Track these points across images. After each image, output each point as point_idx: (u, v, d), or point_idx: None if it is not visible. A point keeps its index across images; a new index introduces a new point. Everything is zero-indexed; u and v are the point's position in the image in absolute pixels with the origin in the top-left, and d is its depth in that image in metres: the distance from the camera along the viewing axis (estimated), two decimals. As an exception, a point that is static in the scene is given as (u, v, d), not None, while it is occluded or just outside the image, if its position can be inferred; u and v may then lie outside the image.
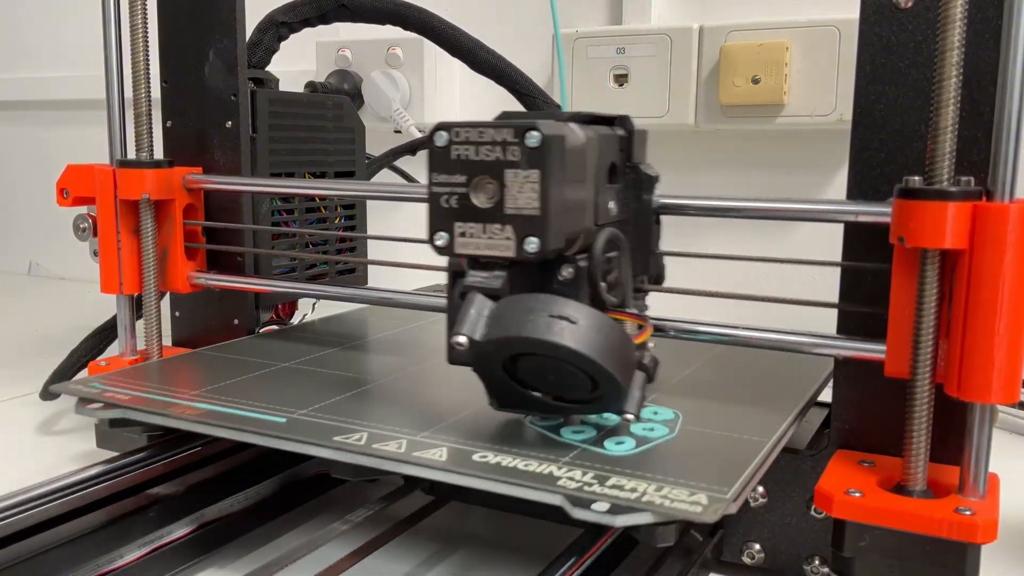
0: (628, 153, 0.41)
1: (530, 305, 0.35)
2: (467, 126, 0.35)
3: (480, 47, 0.64)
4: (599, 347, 0.34)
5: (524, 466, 0.34)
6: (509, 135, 0.34)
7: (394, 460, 0.35)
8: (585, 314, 0.34)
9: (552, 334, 0.34)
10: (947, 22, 0.32)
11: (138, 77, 0.52)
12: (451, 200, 0.35)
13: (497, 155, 0.34)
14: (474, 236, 0.35)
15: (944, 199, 0.33)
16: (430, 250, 0.36)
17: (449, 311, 0.38)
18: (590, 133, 0.37)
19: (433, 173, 0.36)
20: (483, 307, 0.35)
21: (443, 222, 0.36)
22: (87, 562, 0.38)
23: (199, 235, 0.56)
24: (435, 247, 0.36)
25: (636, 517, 0.30)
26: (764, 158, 0.82)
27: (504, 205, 0.34)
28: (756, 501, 0.40)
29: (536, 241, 0.34)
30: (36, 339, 0.86)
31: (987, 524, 0.33)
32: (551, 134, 0.34)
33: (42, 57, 1.21)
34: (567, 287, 0.36)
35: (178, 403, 0.41)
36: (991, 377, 0.33)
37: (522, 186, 0.34)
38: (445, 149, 0.35)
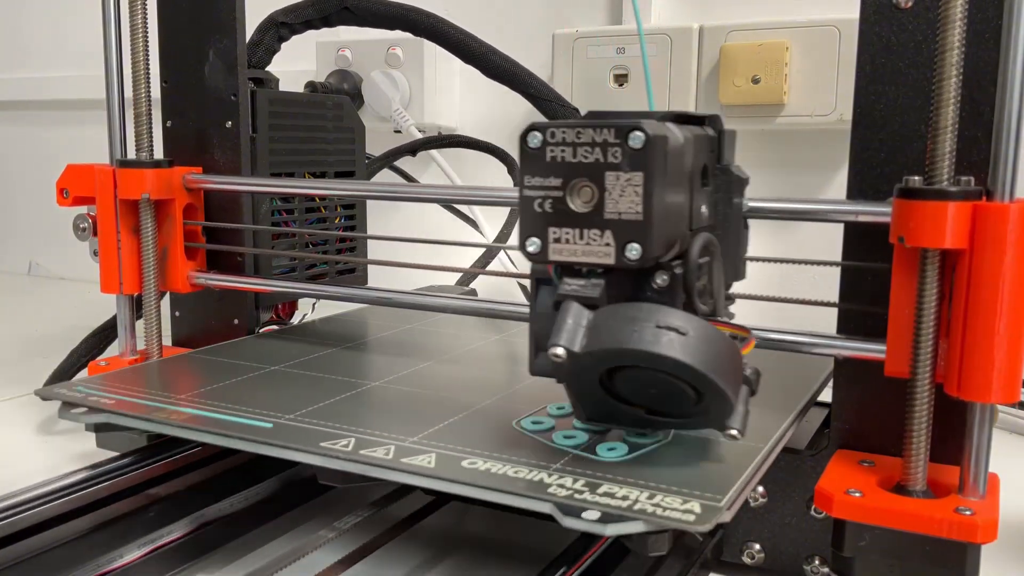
0: (718, 154, 0.39)
1: (633, 315, 0.33)
2: (564, 126, 0.33)
3: (492, 51, 0.63)
4: (710, 360, 0.32)
5: (514, 473, 0.33)
6: (610, 135, 0.32)
7: (381, 467, 0.34)
8: (693, 325, 0.32)
9: (661, 346, 0.32)
10: (947, 22, 0.32)
11: (138, 77, 0.52)
12: (545, 204, 0.33)
13: (597, 156, 0.32)
14: (570, 242, 0.33)
15: (944, 199, 0.33)
16: (430, 250, 0.36)
17: (532, 319, 0.36)
18: (687, 133, 0.35)
19: (526, 176, 0.34)
20: (580, 317, 0.33)
21: (536, 227, 0.34)
22: (87, 562, 0.38)
23: (199, 235, 0.56)
24: (526, 253, 0.34)
25: (627, 526, 0.30)
26: (764, 158, 0.82)
27: (604, 209, 0.33)
28: (756, 501, 0.40)
29: (638, 248, 0.32)
30: (36, 339, 0.86)
31: (987, 524, 0.33)
32: (656, 134, 0.32)
33: (42, 57, 1.21)
34: (661, 295, 0.34)
35: (164, 408, 0.41)
36: (991, 377, 0.33)
37: (624, 189, 0.32)
38: (539, 150, 0.33)
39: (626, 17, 0.85)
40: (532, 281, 0.36)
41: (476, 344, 0.55)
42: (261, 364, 0.49)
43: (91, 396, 0.42)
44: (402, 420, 0.40)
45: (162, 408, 0.41)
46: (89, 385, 0.44)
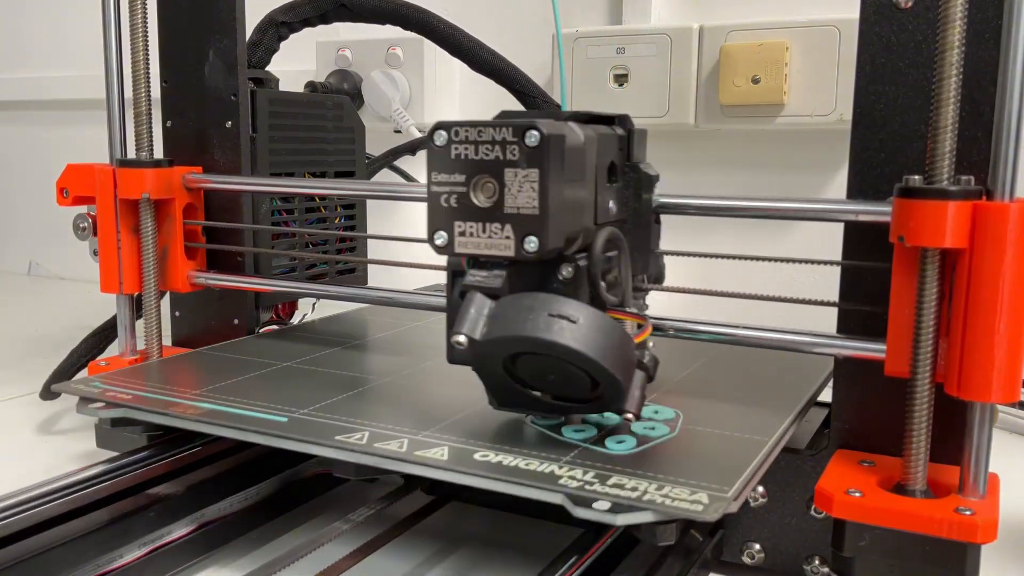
0: (628, 152, 0.41)
1: (529, 304, 0.35)
2: (466, 125, 0.35)
3: (480, 47, 0.64)
4: (599, 346, 0.34)
5: (525, 465, 0.34)
6: (508, 134, 0.34)
7: (396, 459, 0.35)
8: (585, 313, 0.34)
9: (552, 333, 0.34)
10: (947, 21, 0.32)
11: (138, 77, 0.52)
12: (451, 199, 0.35)
13: (497, 154, 0.34)
14: (474, 235, 0.35)
15: (944, 198, 0.33)
16: (429, 250, 0.36)
17: (449, 310, 0.38)
18: (589, 132, 0.37)
19: (432, 172, 0.36)
20: (483, 306, 0.35)
21: (443, 221, 0.36)
22: (87, 562, 0.38)
23: (199, 235, 0.56)
24: (435, 246, 0.36)
25: (637, 516, 0.30)
26: (764, 158, 0.82)
27: (504, 204, 0.34)
28: (756, 501, 0.40)
29: (535, 240, 0.34)
30: (36, 339, 0.86)
31: (987, 524, 0.33)
32: (551, 133, 0.34)
33: (42, 57, 1.21)
34: (567, 286, 0.36)
35: (179, 402, 0.42)
36: (991, 376, 0.33)
37: (521, 185, 0.34)
38: (444, 148, 0.35)
39: (626, 17, 0.85)
40: (448, 273, 0.38)
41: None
42: (271, 361, 0.49)
43: (108, 391, 0.43)
44: (413, 415, 0.40)
45: (179, 403, 0.42)
46: (105, 380, 0.45)
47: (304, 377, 0.46)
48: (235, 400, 0.42)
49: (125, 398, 0.42)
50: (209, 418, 0.39)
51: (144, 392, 0.43)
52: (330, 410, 0.41)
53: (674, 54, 0.80)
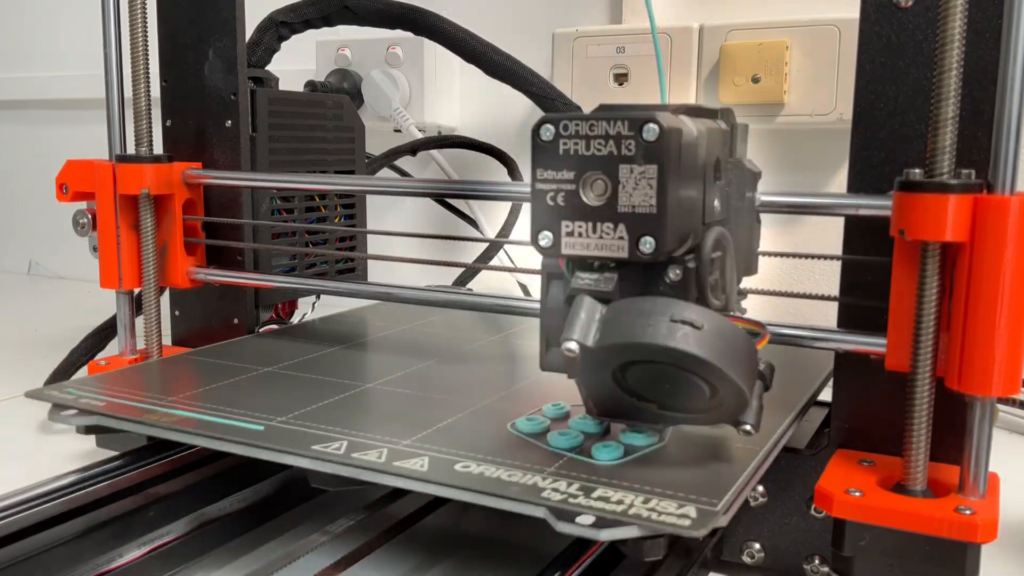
0: (731, 148, 0.38)
1: (647, 309, 0.32)
2: (576, 118, 0.33)
3: (492, 50, 0.63)
4: (725, 354, 0.32)
5: (508, 476, 0.33)
6: (624, 128, 0.32)
7: (373, 470, 0.34)
8: (708, 319, 0.32)
9: (676, 340, 0.31)
10: (947, 15, 0.32)
11: (137, 75, 0.52)
12: (558, 197, 0.33)
13: (610, 149, 0.32)
14: (583, 236, 0.33)
15: (945, 192, 0.33)
16: (430, 251, 0.36)
17: (543, 315, 0.36)
18: (700, 127, 0.35)
19: (538, 169, 0.33)
20: (594, 311, 0.33)
21: (548, 221, 0.33)
22: (87, 561, 0.38)
23: (199, 231, 0.56)
24: (539, 247, 0.34)
25: (622, 531, 0.29)
26: (764, 157, 0.82)
27: (617, 203, 0.32)
28: (756, 500, 0.40)
29: (652, 241, 0.32)
30: (36, 339, 0.86)
31: (987, 524, 0.33)
32: (670, 127, 0.32)
33: (41, 56, 1.21)
34: (674, 289, 0.34)
35: (155, 409, 0.40)
36: (992, 370, 0.33)
37: (637, 182, 0.32)
38: (552, 143, 0.33)
39: (626, 17, 0.85)
40: (543, 276, 0.36)
41: (474, 344, 0.55)
42: (256, 365, 0.49)
43: (82, 398, 0.42)
44: (396, 422, 0.39)
45: (153, 410, 0.40)
46: (81, 387, 0.44)
47: (291, 382, 0.46)
48: (214, 407, 0.41)
49: (98, 405, 0.41)
50: (183, 426, 0.38)
51: (120, 399, 0.42)
52: (310, 417, 0.40)
53: (674, 54, 0.80)
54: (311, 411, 0.41)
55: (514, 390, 0.45)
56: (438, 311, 0.63)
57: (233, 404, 0.41)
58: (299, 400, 0.42)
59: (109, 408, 0.41)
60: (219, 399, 0.42)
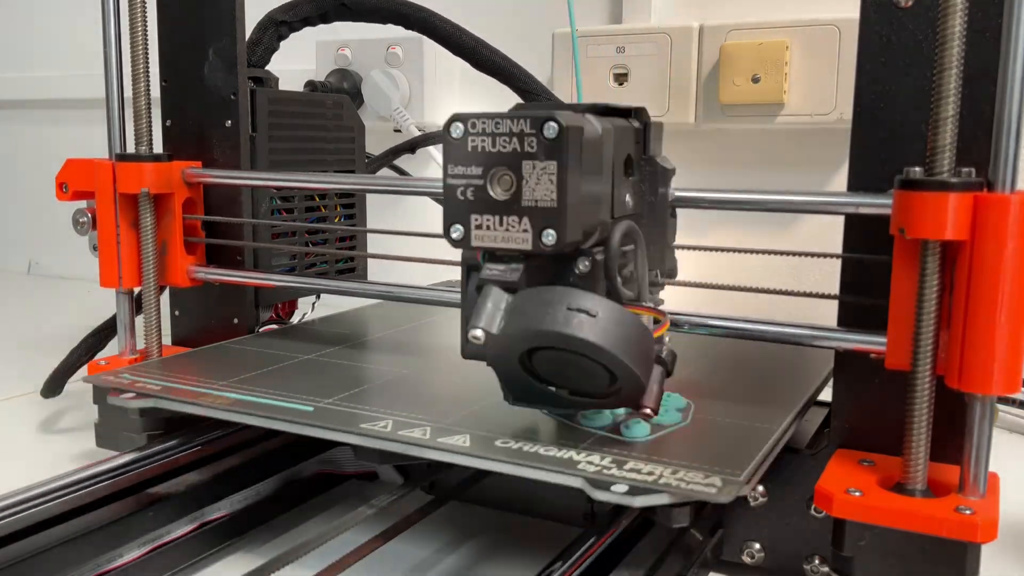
0: (644, 145, 0.40)
1: (548, 298, 0.34)
2: (483, 117, 0.34)
3: (482, 45, 0.64)
4: (618, 340, 0.34)
5: (545, 451, 0.35)
6: (527, 126, 0.33)
7: (420, 446, 0.36)
8: (604, 307, 0.34)
9: (571, 327, 0.33)
10: (947, 12, 0.32)
11: (137, 74, 0.52)
12: (467, 192, 0.35)
13: (514, 146, 0.34)
14: (491, 229, 0.35)
15: (945, 190, 0.33)
16: (431, 247, 0.36)
17: (464, 305, 0.38)
18: (607, 124, 0.36)
19: (449, 165, 0.35)
20: (500, 300, 0.35)
21: (459, 214, 0.35)
22: (87, 561, 0.38)
23: (198, 230, 0.56)
24: (450, 240, 0.36)
25: (654, 498, 0.31)
26: (764, 157, 0.82)
27: (521, 197, 0.34)
28: (756, 500, 0.40)
29: (554, 234, 0.34)
30: (36, 338, 0.86)
31: (987, 523, 0.33)
32: (569, 125, 0.33)
33: (41, 56, 1.21)
34: (583, 280, 0.36)
35: (208, 392, 0.43)
36: (992, 368, 0.33)
37: (539, 178, 0.33)
38: (461, 140, 0.35)
39: (626, 16, 0.85)
40: (463, 268, 0.38)
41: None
42: (284, 354, 0.50)
43: (138, 382, 0.44)
44: (434, 405, 0.41)
45: (207, 393, 0.42)
46: (133, 372, 0.46)
47: (319, 370, 0.47)
48: (260, 390, 0.43)
49: (154, 389, 0.43)
50: (238, 407, 0.40)
51: (172, 383, 0.44)
52: (352, 400, 0.42)
53: (674, 53, 0.80)
54: (352, 395, 0.43)
55: None
56: (438, 310, 0.64)
57: (278, 388, 0.43)
58: (338, 385, 0.44)
59: (165, 391, 0.43)
60: (263, 384, 0.44)
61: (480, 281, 0.36)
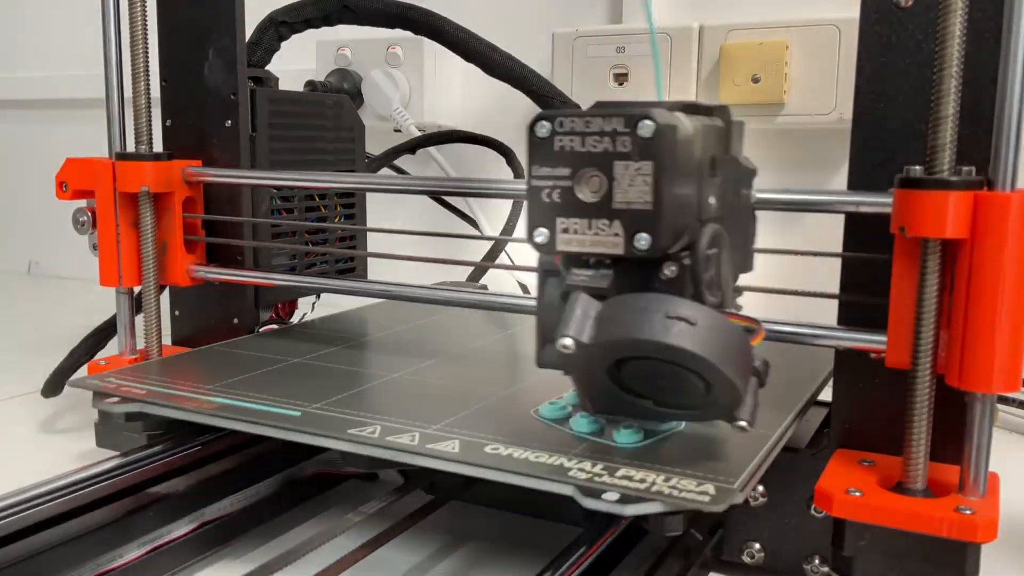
0: (726, 145, 0.38)
1: (643, 305, 0.33)
2: (572, 115, 0.33)
3: (493, 49, 0.63)
4: (719, 351, 0.32)
5: (535, 458, 0.34)
6: (619, 124, 0.32)
7: (408, 452, 0.35)
8: (703, 315, 0.32)
9: (671, 336, 0.32)
10: (948, 12, 0.32)
11: (137, 73, 0.52)
12: (553, 194, 0.33)
13: (606, 146, 0.32)
14: (578, 232, 0.33)
15: (945, 188, 0.33)
16: (430, 250, 0.36)
17: (540, 312, 0.36)
18: (696, 124, 0.35)
19: (534, 166, 0.34)
20: (589, 307, 0.33)
21: (544, 217, 0.34)
22: (87, 561, 0.38)
23: (199, 229, 0.56)
24: (534, 244, 0.34)
25: (646, 507, 0.31)
26: (764, 157, 0.82)
27: (612, 199, 0.33)
28: (756, 500, 0.40)
29: (647, 238, 0.32)
30: (36, 338, 0.86)
31: (987, 523, 0.33)
32: (665, 123, 0.32)
33: (41, 56, 1.21)
34: (670, 286, 0.34)
35: (193, 397, 0.42)
36: (992, 366, 0.33)
37: (633, 179, 0.32)
38: (547, 140, 0.33)
39: (626, 16, 0.85)
40: (539, 272, 0.36)
41: (483, 340, 0.56)
42: (277, 356, 0.50)
43: (123, 386, 0.43)
44: (423, 409, 0.41)
45: (193, 397, 0.42)
46: (119, 376, 0.46)
47: (311, 373, 0.47)
48: (247, 395, 0.42)
49: (140, 393, 0.43)
50: (223, 412, 0.40)
51: (158, 387, 0.44)
52: (341, 405, 0.41)
53: (674, 53, 0.80)
54: (341, 399, 0.42)
55: (532, 381, 0.46)
56: (438, 310, 0.64)
57: (265, 392, 0.43)
58: (326, 389, 0.44)
59: (150, 396, 0.42)
60: (250, 388, 0.44)
61: (566, 287, 0.34)
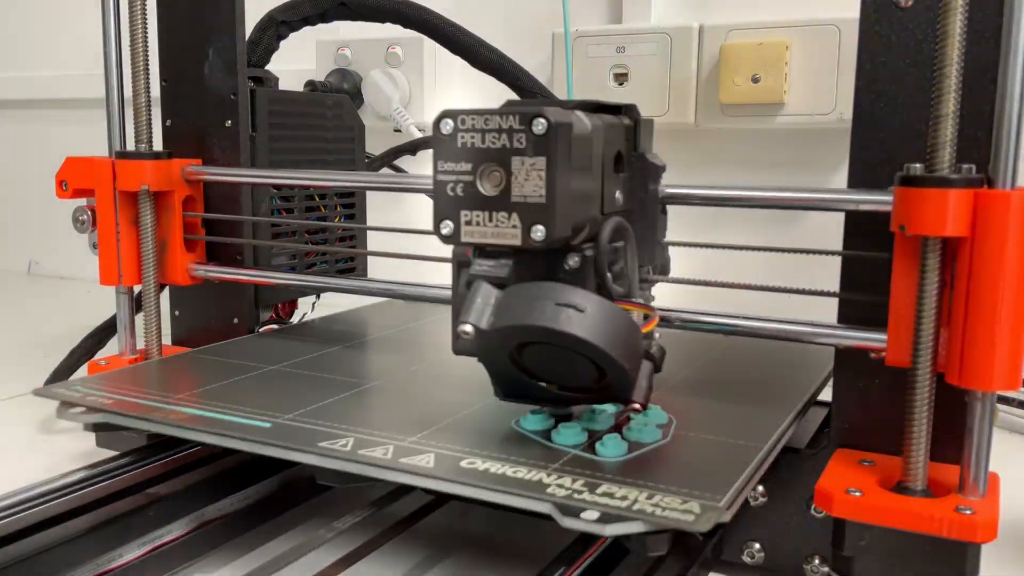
0: (634, 142, 0.40)
1: (536, 293, 0.34)
2: (472, 113, 0.34)
3: (481, 44, 0.64)
4: (606, 335, 0.33)
5: (513, 473, 0.33)
6: (515, 122, 0.34)
7: (380, 467, 0.34)
8: (592, 302, 0.34)
9: (559, 322, 0.33)
10: (948, 12, 0.32)
11: (137, 72, 0.52)
12: (457, 188, 0.35)
13: (503, 142, 0.34)
14: (480, 224, 0.35)
15: (945, 186, 0.33)
16: (429, 249, 0.36)
17: (454, 301, 0.37)
18: (596, 121, 0.36)
19: (439, 161, 0.35)
20: (489, 296, 0.35)
21: (449, 210, 0.35)
22: (87, 561, 0.38)
23: (198, 227, 0.56)
24: (440, 236, 0.36)
25: (626, 526, 0.30)
26: (764, 157, 0.82)
27: (510, 193, 0.34)
28: (756, 500, 0.40)
29: (542, 229, 0.34)
30: (36, 338, 0.86)
31: (987, 523, 0.33)
32: (558, 121, 0.33)
33: (41, 56, 1.21)
34: (573, 276, 0.36)
35: (163, 407, 0.41)
36: (992, 364, 0.33)
37: (528, 174, 0.34)
38: (451, 136, 0.35)
39: (626, 16, 0.85)
40: (453, 264, 0.38)
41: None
42: (261, 364, 0.49)
43: (89, 396, 0.42)
44: (401, 420, 0.40)
45: (160, 408, 0.41)
46: (88, 385, 0.44)
47: (295, 380, 0.46)
48: (220, 405, 0.41)
49: (106, 403, 0.41)
50: (191, 424, 0.39)
51: (127, 397, 0.42)
52: (317, 415, 0.40)
53: (674, 53, 0.80)
54: (317, 408, 0.41)
55: None
56: (437, 311, 0.64)
57: (239, 402, 0.42)
58: (304, 398, 0.42)
59: (116, 406, 0.41)
60: (225, 397, 0.43)
61: (469, 277, 0.36)
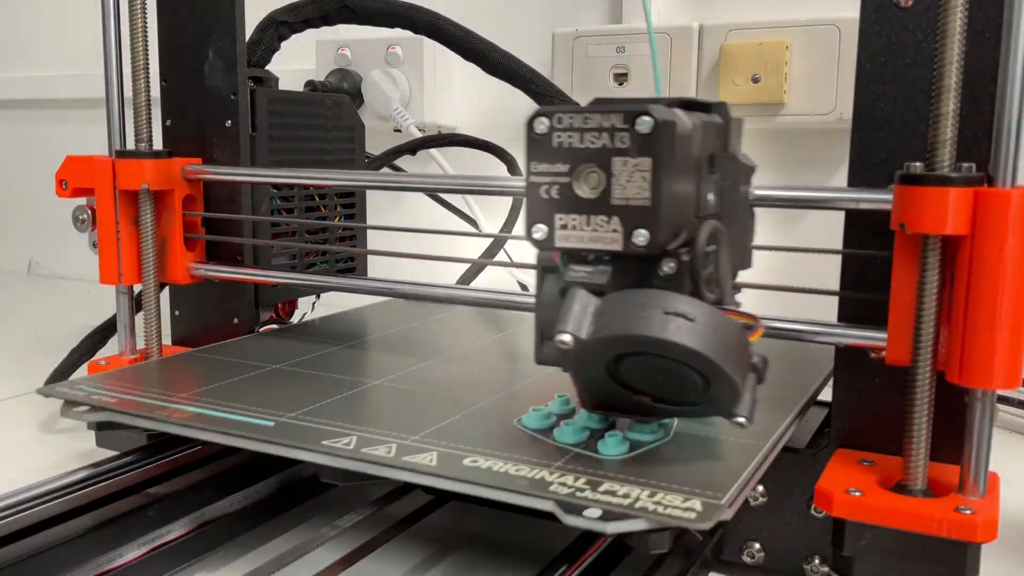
0: (725, 142, 0.38)
1: (641, 301, 0.32)
2: (570, 111, 0.33)
3: (492, 48, 0.63)
4: (717, 346, 0.32)
5: (515, 471, 0.33)
6: (618, 120, 0.32)
7: (383, 465, 0.34)
8: (701, 311, 0.32)
9: (669, 332, 0.31)
10: (948, 11, 0.32)
11: (137, 72, 0.52)
12: (552, 190, 0.33)
13: (604, 142, 0.32)
14: (576, 228, 0.33)
15: (945, 184, 0.33)
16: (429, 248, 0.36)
17: (538, 309, 0.36)
18: (694, 120, 0.35)
19: (532, 162, 0.34)
20: (588, 303, 0.33)
21: (542, 214, 0.34)
22: (87, 561, 0.38)
23: (198, 226, 0.56)
24: (533, 240, 0.34)
25: (628, 524, 0.30)
26: (764, 157, 0.82)
27: (611, 195, 0.32)
28: (756, 500, 0.40)
29: (645, 234, 0.32)
30: (36, 338, 0.86)
31: (987, 523, 0.33)
32: (664, 119, 0.32)
33: (41, 56, 1.21)
34: (668, 283, 0.34)
35: (166, 406, 0.41)
36: (992, 362, 0.33)
37: (631, 175, 0.32)
38: (546, 136, 0.33)
39: (626, 16, 0.85)
40: (538, 269, 0.36)
41: (477, 343, 0.55)
42: (262, 363, 0.49)
43: (93, 395, 0.42)
44: (403, 418, 0.40)
45: (164, 406, 0.41)
46: (91, 383, 0.44)
47: (298, 379, 0.46)
48: (223, 404, 0.41)
49: (109, 402, 0.41)
50: (195, 422, 0.39)
51: (130, 395, 0.42)
52: (319, 413, 0.40)
53: (674, 53, 0.80)
54: (319, 407, 0.41)
55: (520, 386, 0.45)
56: (438, 311, 0.64)
57: (242, 400, 0.42)
58: (306, 397, 0.43)
59: (120, 404, 0.41)
60: (227, 396, 0.43)
61: (564, 283, 0.34)
